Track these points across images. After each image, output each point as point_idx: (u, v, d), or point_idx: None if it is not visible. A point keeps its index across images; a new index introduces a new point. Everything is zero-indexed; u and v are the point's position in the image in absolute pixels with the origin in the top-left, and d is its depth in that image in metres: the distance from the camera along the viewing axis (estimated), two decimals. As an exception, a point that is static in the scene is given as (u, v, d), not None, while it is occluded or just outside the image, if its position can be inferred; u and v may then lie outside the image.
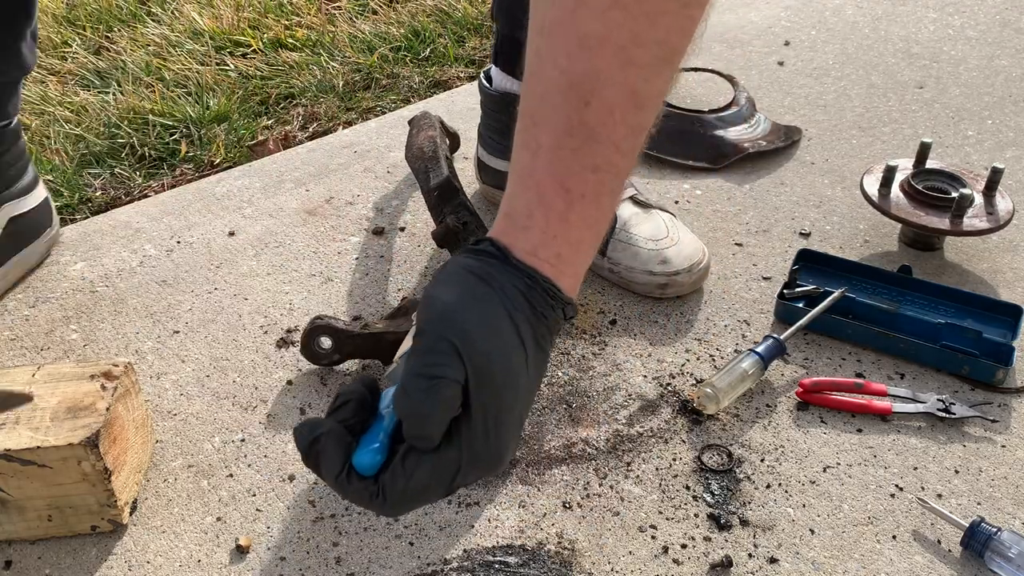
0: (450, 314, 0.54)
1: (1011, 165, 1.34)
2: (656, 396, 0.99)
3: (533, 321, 0.56)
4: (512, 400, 0.56)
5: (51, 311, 1.11)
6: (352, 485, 0.57)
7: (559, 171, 0.55)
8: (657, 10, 0.52)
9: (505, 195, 0.59)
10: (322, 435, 0.58)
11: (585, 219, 0.57)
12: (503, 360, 0.55)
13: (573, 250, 0.58)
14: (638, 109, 0.55)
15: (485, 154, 1.25)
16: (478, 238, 0.59)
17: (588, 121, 0.54)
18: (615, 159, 0.56)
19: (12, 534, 0.84)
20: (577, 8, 0.52)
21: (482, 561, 0.82)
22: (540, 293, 0.56)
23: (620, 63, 0.53)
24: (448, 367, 0.53)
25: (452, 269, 0.58)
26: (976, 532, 0.81)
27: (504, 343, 0.55)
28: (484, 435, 0.55)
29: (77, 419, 0.81)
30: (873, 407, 0.96)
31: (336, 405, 0.59)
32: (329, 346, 0.99)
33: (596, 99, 0.53)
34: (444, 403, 0.53)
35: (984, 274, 1.15)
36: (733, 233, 1.23)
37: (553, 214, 0.56)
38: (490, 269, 0.56)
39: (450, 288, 0.56)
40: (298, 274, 1.17)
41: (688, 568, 0.82)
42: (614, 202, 0.59)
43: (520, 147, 0.57)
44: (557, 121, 0.55)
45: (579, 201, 0.56)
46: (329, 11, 1.89)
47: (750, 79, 1.59)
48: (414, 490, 0.56)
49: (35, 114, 1.54)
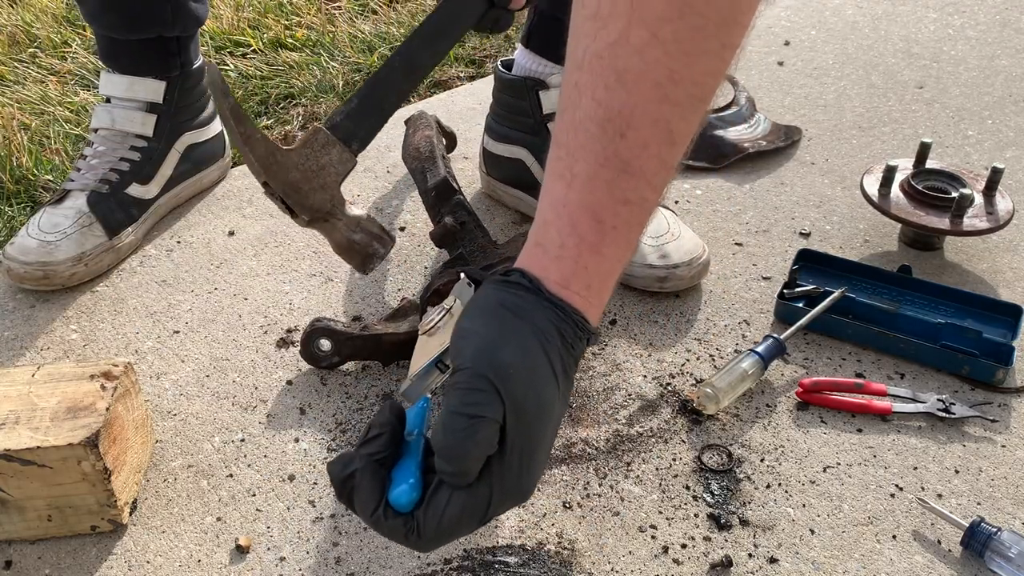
0: (488, 351, 0.55)
1: (1011, 165, 1.34)
2: (656, 396, 0.99)
3: (563, 353, 0.57)
4: (544, 435, 0.57)
5: (51, 311, 1.11)
6: (388, 522, 0.57)
7: (593, 202, 0.56)
8: (696, 50, 0.53)
9: (536, 224, 0.59)
10: (356, 471, 0.57)
11: (616, 251, 0.58)
12: (539, 397, 0.55)
13: (602, 282, 0.58)
14: (671, 145, 0.56)
15: (494, 144, 1.24)
16: (507, 268, 0.59)
17: (622, 153, 0.55)
18: (646, 193, 0.57)
19: (12, 534, 0.84)
20: (617, 44, 0.53)
21: (482, 561, 0.82)
22: (571, 325, 0.57)
23: (656, 99, 0.54)
24: (487, 406, 0.53)
25: (484, 302, 0.58)
26: (976, 532, 0.81)
27: (541, 379, 0.55)
28: (518, 471, 0.56)
29: (77, 419, 0.81)
30: (873, 407, 0.96)
31: (368, 437, 0.59)
32: (328, 348, 0.99)
33: (632, 132, 0.54)
34: (483, 443, 0.54)
35: (984, 274, 1.15)
36: (733, 233, 1.23)
37: (585, 245, 0.57)
38: (522, 302, 0.56)
39: (485, 323, 0.56)
40: (298, 274, 1.17)
41: (688, 568, 0.82)
42: (640, 236, 0.60)
43: (553, 177, 0.58)
44: (592, 152, 0.55)
45: (611, 233, 0.57)
46: (329, 11, 1.89)
47: (750, 79, 1.59)
48: (448, 526, 0.56)
49: (35, 114, 1.54)
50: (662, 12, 0.52)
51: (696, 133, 0.57)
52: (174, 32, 1.20)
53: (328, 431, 0.95)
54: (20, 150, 1.40)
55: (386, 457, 0.58)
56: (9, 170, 1.37)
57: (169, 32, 1.20)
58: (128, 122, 1.21)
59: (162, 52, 1.21)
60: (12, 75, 1.68)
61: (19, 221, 1.29)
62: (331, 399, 0.99)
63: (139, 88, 1.21)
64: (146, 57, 1.21)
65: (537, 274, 0.57)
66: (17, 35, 1.81)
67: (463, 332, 0.57)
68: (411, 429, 0.61)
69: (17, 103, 1.57)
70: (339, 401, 0.99)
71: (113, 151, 1.20)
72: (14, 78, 1.67)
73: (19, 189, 1.36)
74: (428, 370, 0.65)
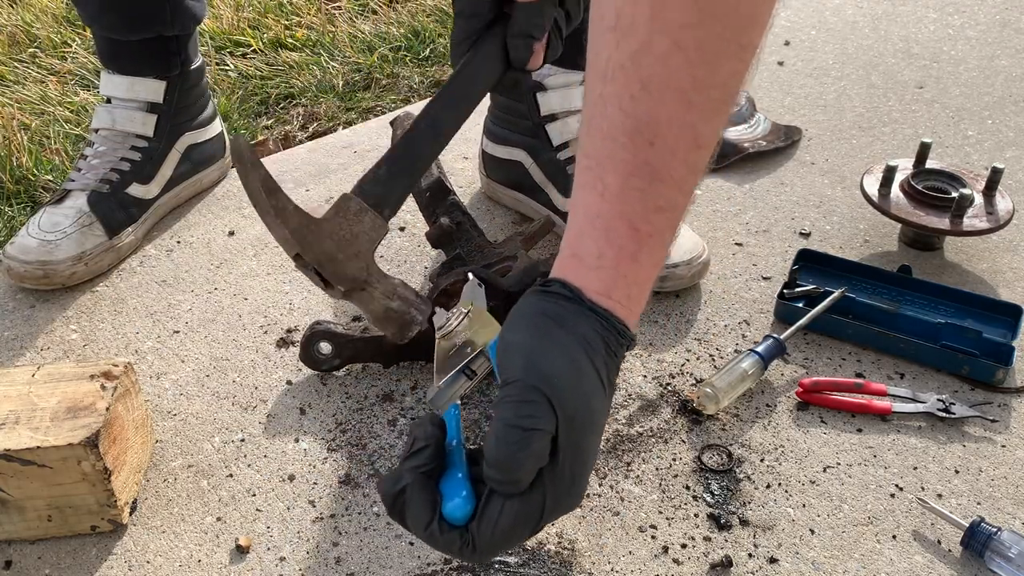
0: (537, 363, 0.55)
1: (1011, 165, 1.34)
2: (656, 396, 0.99)
3: (608, 360, 0.57)
4: (594, 443, 0.57)
5: (51, 311, 1.11)
6: (444, 536, 0.57)
7: (627, 212, 0.57)
8: (718, 54, 0.54)
9: (569, 235, 0.59)
10: (407, 487, 0.58)
11: (652, 258, 0.59)
12: (589, 406, 0.56)
13: (640, 289, 0.59)
14: (698, 149, 0.57)
15: (493, 145, 1.24)
16: (545, 279, 0.59)
17: (652, 162, 0.55)
18: (677, 199, 0.57)
19: (12, 534, 0.84)
20: (639, 54, 0.54)
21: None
22: (613, 334, 0.57)
23: (682, 105, 0.54)
24: (540, 418, 0.54)
25: (527, 312, 0.58)
26: (976, 532, 0.81)
27: (590, 389, 0.56)
28: (570, 479, 0.56)
29: (77, 419, 0.81)
30: (873, 407, 0.96)
31: (413, 450, 0.59)
32: (329, 351, 0.99)
33: (660, 140, 0.55)
34: (537, 453, 0.54)
35: (984, 274, 1.15)
36: (733, 233, 1.23)
37: (624, 255, 0.57)
38: (564, 312, 0.57)
39: (531, 334, 0.56)
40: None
41: (688, 568, 0.82)
42: (673, 240, 0.60)
43: (584, 188, 0.58)
44: (623, 162, 0.56)
45: (647, 241, 0.57)
46: (329, 11, 1.89)
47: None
48: (502, 536, 0.56)
49: (35, 114, 1.54)
50: (682, 19, 0.52)
51: (721, 135, 0.58)
52: (173, 31, 1.20)
53: (328, 431, 0.95)
54: (20, 150, 1.40)
55: (433, 469, 0.58)
56: (9, 170, 1.37)
57: (169, 31, 1.20)
58: (129, 122, 1.21)
59: (162, 52, 1.21)
60: (12, 75, 1.68)
61: (19, 221, 1.29)
62: (331, 399, 0.99)
63: (140, 88, 1.21)
64: (146, 57, 1.21)
65: (578, 284, 0.58)
66: (17, 35, 1.81)
67: (509, 345, 0.57)
68: (448, 439, 0.61)
69: (17, 103, 1.57)
70: (339, 401, 0.99)
71: (114, 151, 1.20)
72: (14, 78, 1.67)
73: (19, 189, 1.36)
74: (456, 378, 0.65)
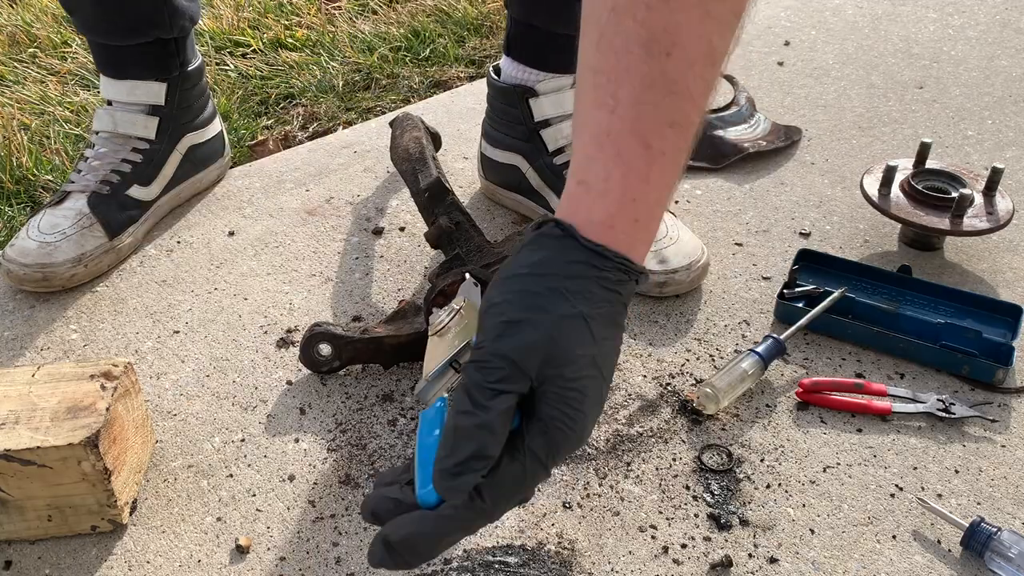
0: (508, 324, 0.54)
1: (1011, 165, 1.34)
2: (656, 396, 0.99)
3: (604, 304, 0.55)
4: (585, 386, 0.55)
5: (51, 311, 1.11)
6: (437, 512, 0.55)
7: (639, 128, 0.54)
8: None
9: (575, 162, 0.57)
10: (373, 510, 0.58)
11: (664, 178, 0.56)
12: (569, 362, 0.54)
13: (649, 213, 0.57)
14: (712, 64, 0.55)
15: (491, 149, 1.24)
16: (540, 219, 0.57)
17: (669, 72, 0.54)
18: (692, 114, 0.56)
19: (12, 534, 0.84)
20: None
21: (482, 561, 0.82)
22: (612, 270, 0.55)
23: (700, 16, 0.53)
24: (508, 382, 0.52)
25: (512, 266, 0.56)
26: (976, 532, 0.81)
27: (571, 340, 0.54)
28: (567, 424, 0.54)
29: (77, 419, 0.81)
30: (873, 407, 0.96)
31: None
32: (328, 353, 0.99)
33: (677, 50, 0.53)
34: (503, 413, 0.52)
35: (984, 274, 1.15)
36: (733, 233, 1.23)
37: (633, 174, 0.55)
38: (552, 258, 0.55)
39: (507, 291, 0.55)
40: (298, 274, 1.17)
41: (688, 568, 0.82)
42: (685, 162, 0.58)
43: (594, 107, 0.56)
44: (639, 74, 0.54)
45: (659, 158, 0.55)
46: (329, 11, 1.89)
47: (750, 79, 1.59)
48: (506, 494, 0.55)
49: (35, 114, 1.54)
50: None
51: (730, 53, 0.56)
52: (172, 34, 1.20)
53: (328, 431, 0.95)
54: (20, 150, 1.40)
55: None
56: (9, 170, 1.37)
57: (167, 34, 1.20)
58: (131, 125, 1.21)
59: (161, 54, 1.21)
60: (12, 75, 1.68)
61: (19, 221, 1.29)
62: (331, 399, 0.99)
63: (140, 92, 1.21)
64: (146, 61, 1.21)
65: (578, 219, 0.56)
66: (17, 35, 1.81)
67: (486, 304, 0.56)
68: (432, 431, 0.60)
69: (17, 103, 1.57)
70: (339, 401, 0.99)
71: (115, 153, 1.20)
72: (14, 78, 1.67)
73: (19, 189, 1.36)
74: (442, 371, 0.65)
